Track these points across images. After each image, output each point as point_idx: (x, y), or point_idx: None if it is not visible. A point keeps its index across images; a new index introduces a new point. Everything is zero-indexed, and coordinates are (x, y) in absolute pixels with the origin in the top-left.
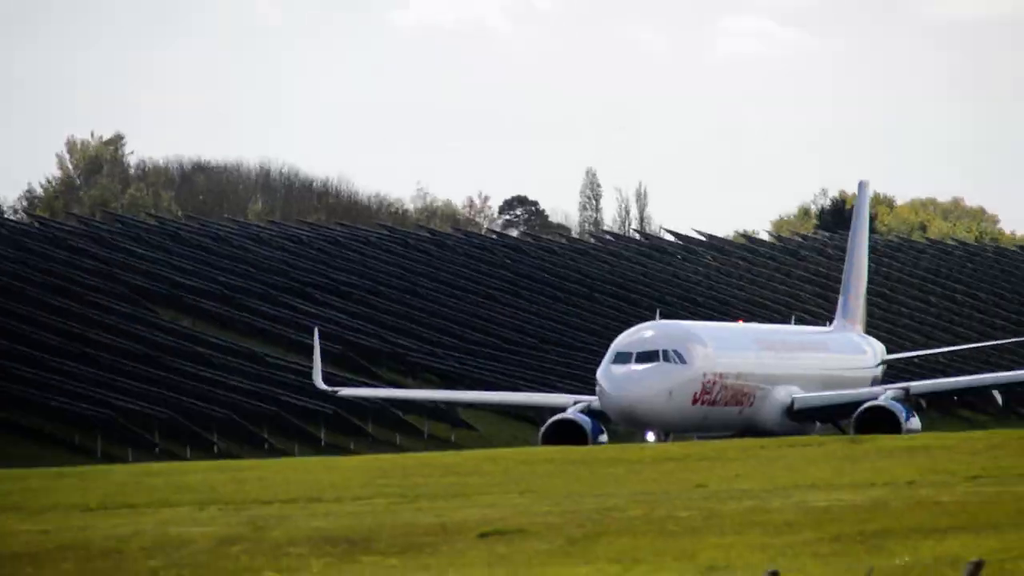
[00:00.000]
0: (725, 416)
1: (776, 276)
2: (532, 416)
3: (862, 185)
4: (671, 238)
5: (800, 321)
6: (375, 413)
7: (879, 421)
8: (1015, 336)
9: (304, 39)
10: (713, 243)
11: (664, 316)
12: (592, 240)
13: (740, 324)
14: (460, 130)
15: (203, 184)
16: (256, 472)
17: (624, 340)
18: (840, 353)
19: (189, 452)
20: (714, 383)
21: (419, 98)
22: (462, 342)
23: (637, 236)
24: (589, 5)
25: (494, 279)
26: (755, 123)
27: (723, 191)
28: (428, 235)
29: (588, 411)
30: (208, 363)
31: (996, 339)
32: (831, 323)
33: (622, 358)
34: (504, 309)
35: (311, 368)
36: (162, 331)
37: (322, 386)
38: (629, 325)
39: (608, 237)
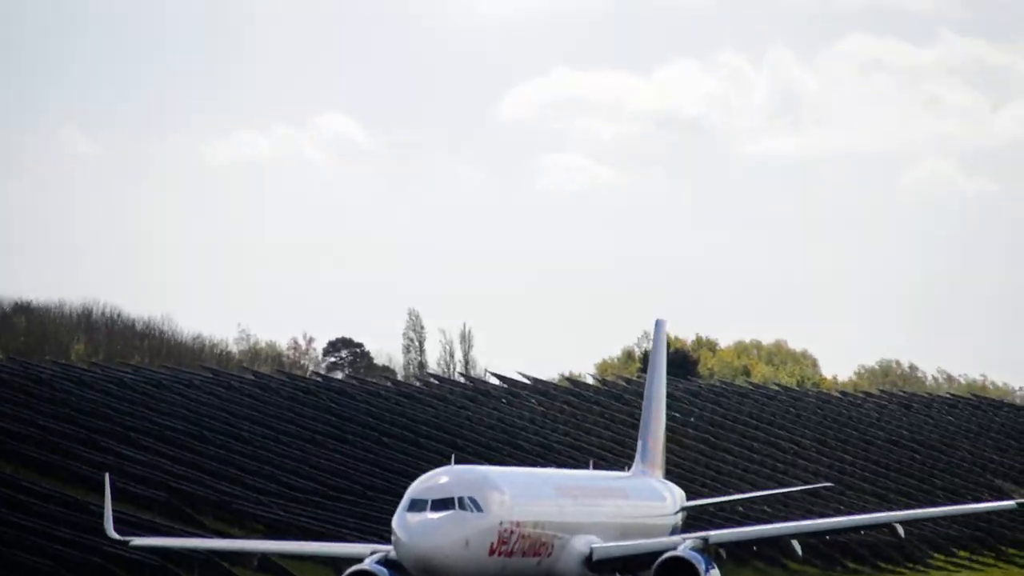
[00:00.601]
0: (524, 567)
1: (600, 421)
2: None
3: (659, 324)
4: (496, 381)
5: (600, 466)
6: (202, 564)
7: (679, 572)
8: (835, 483)
9: (119, 175)
10: (538, 387)
11: (477, 460)
12: (417, 383)
13: (538, 470)
14: (282, 270)
15: (24, 325)
16: None
17: (419, 487)
18: (639, 500)
19: None
20: (511, 532)
21: (239, 237)
22: (288, 489)
23: (462, 379)
24: (409, 144)
25: (319, 423)
26: (578, 264)
27: (547, 333)
28: (252, 378)
29: (386, 561)
30: (32, 512)
31: (811, 493)
32: (629, 468)
33: (417, 505)
34: (330, 455)
35: (136, 517)
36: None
37: (113, 534)
38: None
39: (433, 380)
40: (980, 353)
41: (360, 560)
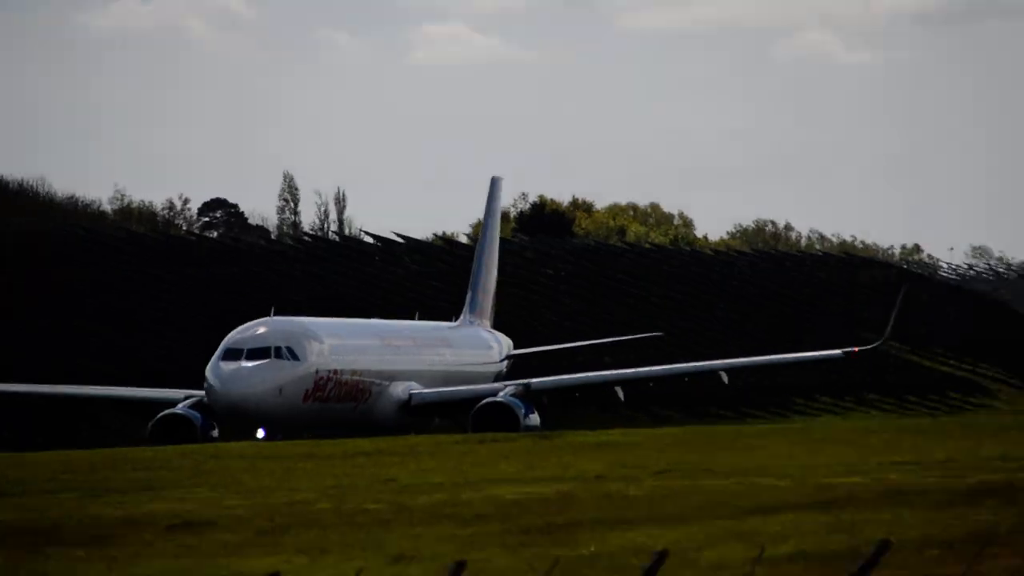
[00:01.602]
0: (340, 413)
1: None
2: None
3: (495, 181)
4: (370, 240)
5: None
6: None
7: (497, 417)
8: (709, 337)
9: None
10: (412, 245)
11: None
12: (291, 243)
13: (361, 320)
14: (157, 132)
15: None
16: None
17: (235, 336)
18: (463, 348)
19: None
20: (328, 380)
21: (118, 100)
22: (162, 339)
23: (336, 239)
24: (289, 11)
25: (192, 280)
26: (454, 127)
27: (422, 195)
28: (126, 235)
29: (199, 406)
30: None
31: (687, 341)
32: (457, 318)
33: (232, 354)
34: (201, 309)
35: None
36: None
37: None
38: None
39: (307, 239)
40: (852, 214)
41: (173, 405)
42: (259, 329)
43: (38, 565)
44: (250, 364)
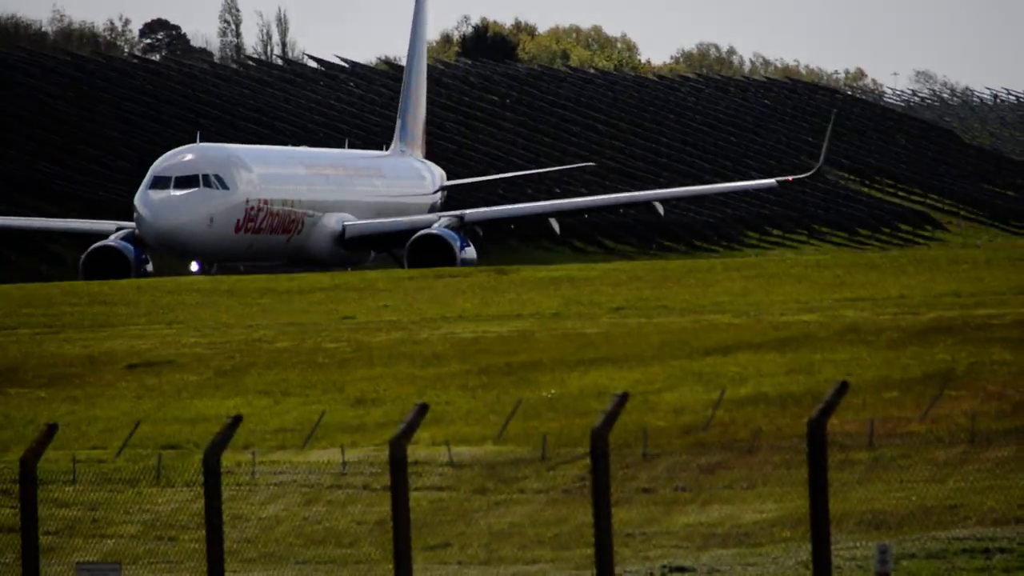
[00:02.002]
0: (272, 245)
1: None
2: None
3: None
4: (314, 64)
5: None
6: (16, 242)
7: (433, 249)
8: (651, 165)
9: None
10: (356, 70)
11: (291, 143)
12: (234, 66)
13: (290, 148)
14: None
15: None
16: None
17: (162, 164)
18: (395, 179)
19: None
20: (259, 210)
21: None
22: (106, 169)
23: (279, 62)
24: None
25: (136, 104)
26: None
27: (365, 16)
28: (68, 59)
29: (132, 238)
30: None
31: (636, 169)
32: (388, 147)
33: (160, 183)
34: (147, 135)
35: None
36: None
37: None
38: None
39: (250, 63)
40: (795, 38)
41: (106, 236)
42: (186, 156)
43: (0, 406)
44: (179, 193)
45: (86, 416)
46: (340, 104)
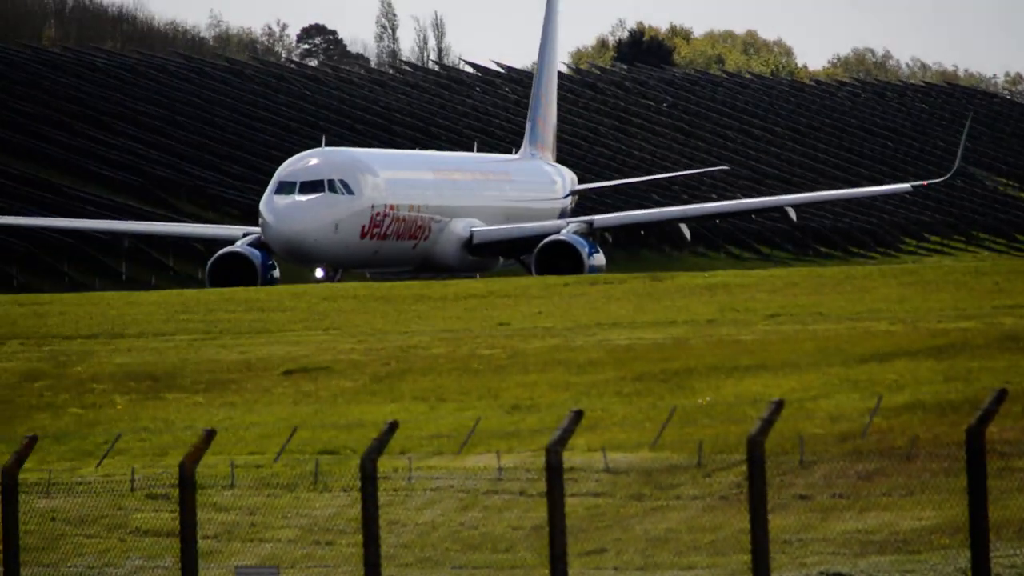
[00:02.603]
0: (398, 251)
1: (574, 110)
2: None
3: None
4: (470, 69)
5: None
6: (175, 246)
7: (562, 255)
8: (808, 171)
9: None
10: (511, 75)
11: (447, 148)
12: (391, 71)
13: (416, 152)
14: None
15: None
16: (56, 306)
17: (287, 168)
18: (525, 183)
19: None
20: (384, 215)
21: None
22: (262, 175)
23: (435, 67)
24: None
25: (293, 110)
26: None
27: (521, 22)
28: (225, 64)
29: (259, 244)
30: (5, 193)
31: (792, 174)
32: (517, 151)
33: (285, 188)
34: (304, 141)
35: (111, 200)
36: None
37: None
38: None
39: (406, 68)
40: (954, 42)
41: (233, 242)
42: (311, 161)
43: (159, 411)
44: (304, 198)
45: (243, 421)
46: (495, 109)
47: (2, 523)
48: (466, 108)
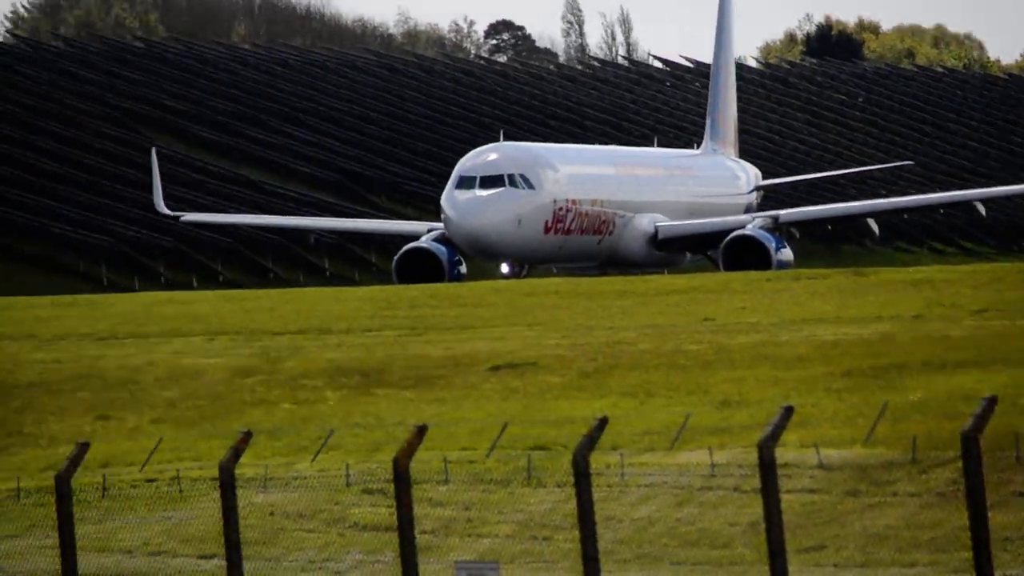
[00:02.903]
0: (583, 246)
1: (766, 104)
2: None
3: None
4: (659, 64)
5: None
6: (378, 244)
7: (749, 251)
8: (1006, 164)
9: None
10: (701, 70)
11: (636, 143)
12: (580, 67)
13: (598, 147)
14: None
15: (186, 6)
16: (264, 302)
17: (467, 163)
18: (708, 178)
19: (195, 281)
20: (567, 210)
21: None
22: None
23: (624, 62)
24: None
25: (484, 106)
26: None
27: (705, 16)
28: (415, 60)
29: (444, 239)
30: (206, 190)
31: (989, 168)
32: (699, 146)
33: (466, 183)
34: (496, 137)
35: (310, 196)
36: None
37: (164, 210)
38: None
39: (595, 63)
40: None
41: (417, 238)
42: (490, 155)
43: (369, 407)
44: (484, 193)
45: (453, 417)
46: (687, 104)
47: (222, 517)
48: (656, 103)
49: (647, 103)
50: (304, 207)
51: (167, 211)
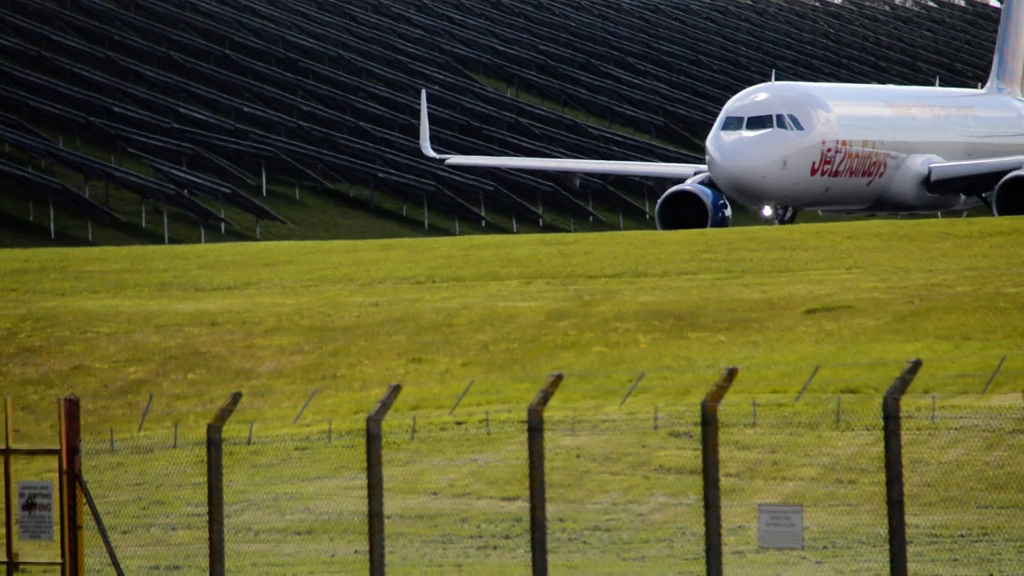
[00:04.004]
0: (851, 188)
1: None
2: None
3: None
4: (997, 4)
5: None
6: (546, 196)
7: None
8: None
9: None
10: None
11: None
12: (915, 8)
13: (871, 86)
14: None
15: None
16: (582, 246)
17: (735, 104)
18: (990, 118)
19: (515, 225)
20: (836, 152)
21: None
22: None
23: (963, 3)
24: None
25: (816, 48)
26: None
27: None
28: (749, 3)
29: (710, 182)
30: (530, 134)
31: None
32: (983, 85)
33: (732, 124)
34: (827, 80)
35: (634, 140)
36: (483, 101)
37: (430, 153)
38: None
39: (932, 5)
40: None
41: (683, 180)
42: (759, 96)
43: (681, 350)
44: (751, 134)
45: (765, 360)
46: None
47: (529, 460)
48: (991, 44)
49: (983, 44)
50: (628, 151)
51: (433, 154)
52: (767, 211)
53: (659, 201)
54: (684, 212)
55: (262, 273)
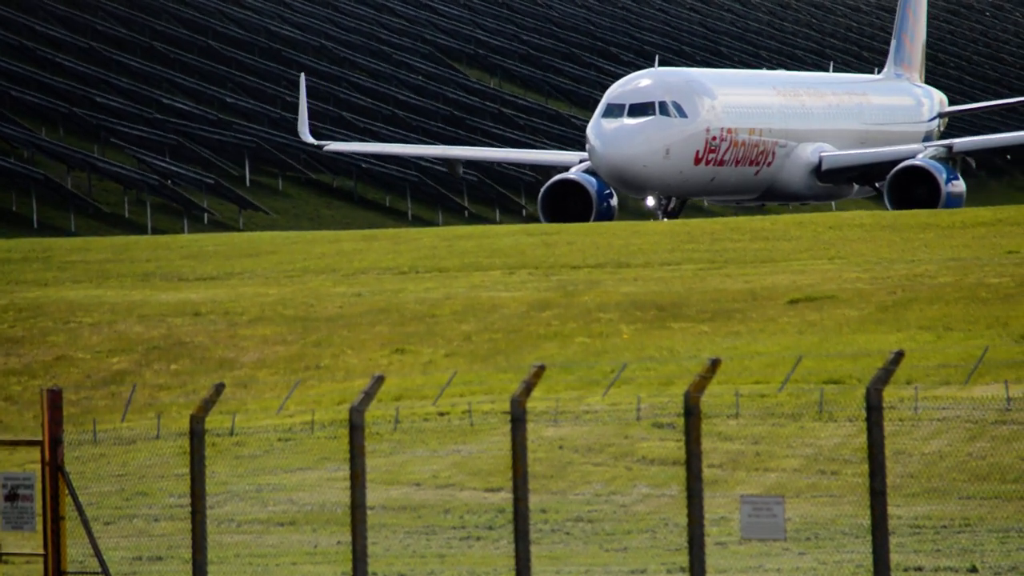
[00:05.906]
0: (738, 178)
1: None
2: None
3: None
4: None
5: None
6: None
7: (917, 182)
8: None
9: None
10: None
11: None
12: None
13: (761, 72)
14: None
15: None
16: (564, 236)
17: (616, 90)
18: (884, 105)
19: (498, 215)
20: (721, 140)
21: None
22: None
23: None
24: None
25: (799, 39)
26: None
27: None
28: None
29: (594, 171)
30: (513, 124)
31: None
32: (880, 71)
33: (614, 111)
34: (813, 71)
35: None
36: (466, 91)
37: (308, 138)
38: None
39: None
40: None
41: (567, 169)
42: (642, 82)
43: (664, 341)
44: (633, 122)
45: (748, 351)
46: (1006, 35)
47: (512, 451)
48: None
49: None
50: None
51: (311, 139)
52: (650, 201)
53: (541, 190)
54: (567, 203)
55: (245, 263)
